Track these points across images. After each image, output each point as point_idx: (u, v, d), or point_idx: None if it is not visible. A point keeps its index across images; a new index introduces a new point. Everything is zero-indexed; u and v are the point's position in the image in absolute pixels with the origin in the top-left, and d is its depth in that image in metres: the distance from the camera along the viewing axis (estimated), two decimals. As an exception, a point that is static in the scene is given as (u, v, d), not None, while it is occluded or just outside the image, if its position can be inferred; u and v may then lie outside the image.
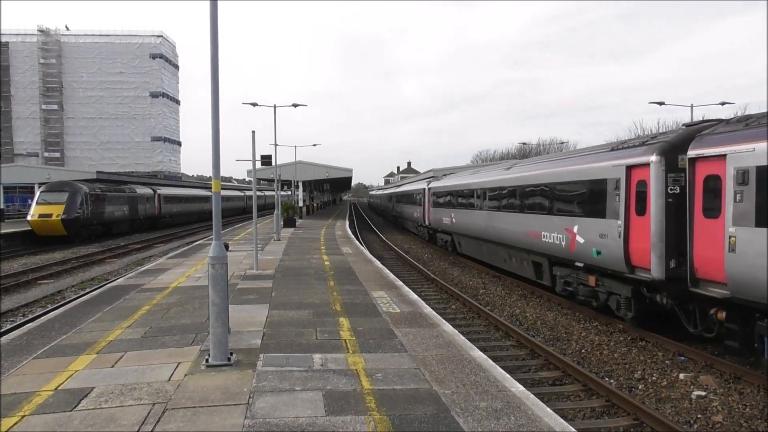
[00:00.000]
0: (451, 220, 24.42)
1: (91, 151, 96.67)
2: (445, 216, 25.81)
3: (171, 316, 9.91)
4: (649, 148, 10.52)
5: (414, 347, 7.95)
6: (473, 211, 21.04)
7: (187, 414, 5.48)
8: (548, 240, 14.23)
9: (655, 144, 10.48)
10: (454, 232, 24.66)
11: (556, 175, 14.18)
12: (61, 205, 31.76)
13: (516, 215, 16.68)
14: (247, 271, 15.67)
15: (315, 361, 7.24)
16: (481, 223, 19.84)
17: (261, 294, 12.19)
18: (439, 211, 27.36)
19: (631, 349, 10.51)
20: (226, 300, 7.17)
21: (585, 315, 13.11)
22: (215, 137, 7.29)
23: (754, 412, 7.51)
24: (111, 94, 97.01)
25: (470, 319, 13.26)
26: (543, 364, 9.73)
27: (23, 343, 8.21)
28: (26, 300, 15.69)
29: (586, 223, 12.44)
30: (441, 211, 26.75)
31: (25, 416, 5.45)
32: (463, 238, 23.30)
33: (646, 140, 11.25)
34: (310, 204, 60.85)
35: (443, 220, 26.15)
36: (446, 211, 25.53)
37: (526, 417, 5.47)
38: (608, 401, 7.94)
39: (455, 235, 24.63)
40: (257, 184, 24.91)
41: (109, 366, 7.04)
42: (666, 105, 35.63)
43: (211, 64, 7.24)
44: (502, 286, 17.53)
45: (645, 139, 11.72)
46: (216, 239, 7.22)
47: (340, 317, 9.88)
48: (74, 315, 10.13)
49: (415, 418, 5.42)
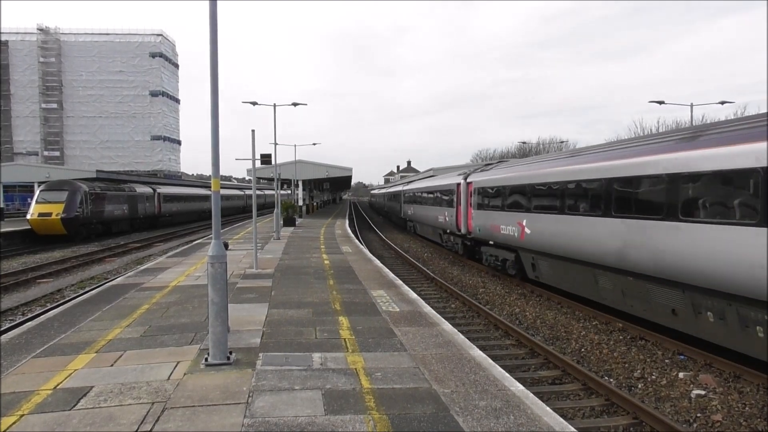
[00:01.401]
0: (521, 230, 15.94)
1: (90, 149, 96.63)
2: (505, 223, 17.22)
3: (170, 315, 9.90)
4: None
5: (413, 346, 7.94)
6: (588, 219, 12.44)
7: (186, 413, 5.47)
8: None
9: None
10: (524, 248, 16.14)
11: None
12: (60, 204, 31.74)
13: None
14: (246, 270, 15.66)
15: (314, 360, 7.23)
16: (613, 237, 11.40)
17: (260, 293, 12.18)
18: (490, 215, 18.87)
19: (630, 348, 10.50)
20: (226, 299, 7.16)
21: (585, 314, 13.11)
22: (215, 136, 7.28)
23: (754, 411, 7.51)
24: (111, 92, 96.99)
25: (470, 318, 13.26)
26: (542, 363, 9.73)
27: (22, 342, 8.20)
28: (25, 299, 15.69)
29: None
30: (495, 216, 18.22)
31: (24, 415, 5.44)
32: (547, 259, 14.79)
33: None
34: (310, 203, 60.83)
35: (501, 230, 17.59)
36: (508, 216, 17.00)
37: (525, 416, 5.47)
38: (608, 400, 7.94)
39: (527, 253, 16.16)
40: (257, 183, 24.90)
41: (108, 365, 7.03)
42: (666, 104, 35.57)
43: (211, 63, 7.22)
44: (501, 285, 17.52)
45: None
46: (215, 238, 7.21)
47: (340, 316, 9.88)
48: (73, 314, 10.12)
49: (414, 417, 5.42)
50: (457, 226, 23.29)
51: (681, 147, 9.83)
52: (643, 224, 10.48)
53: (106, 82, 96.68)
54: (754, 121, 8.71)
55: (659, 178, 10.09)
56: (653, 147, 10.74)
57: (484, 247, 20.04)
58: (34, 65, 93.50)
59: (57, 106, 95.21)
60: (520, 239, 15.96)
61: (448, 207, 24.81)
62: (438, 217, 27.05)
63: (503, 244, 17.67)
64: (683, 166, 9.52)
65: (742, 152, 8.34)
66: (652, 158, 10.43)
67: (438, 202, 27.18)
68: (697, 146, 9.40)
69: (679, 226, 9.51)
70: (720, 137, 9.00)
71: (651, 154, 10.58)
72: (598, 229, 11.99)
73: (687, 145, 9.71)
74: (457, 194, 23.35)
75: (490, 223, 18.72)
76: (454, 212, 23.57)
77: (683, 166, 9.52)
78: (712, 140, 9.12)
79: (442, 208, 26.05)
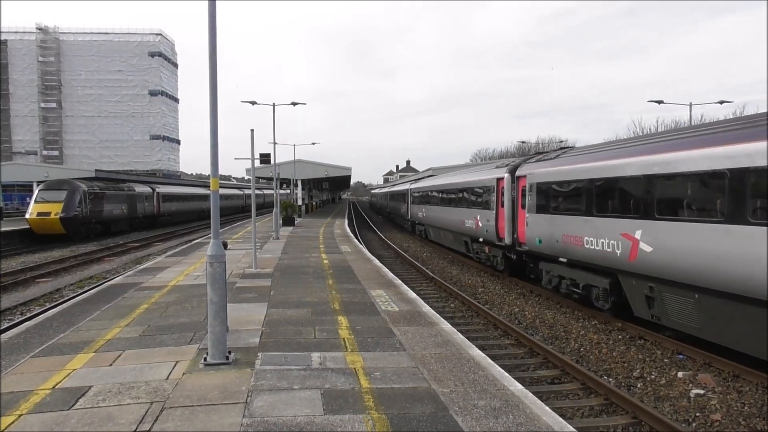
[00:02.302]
0: (630, 245, 10.87)
1: (89, 149, 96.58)
2: (595, 234, 12.10)
3: (169, 315, 9.89)
4: None
5: (412, 346, 7.94)
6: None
7: (185, 413, 5.46)
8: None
9: None
10: (633, 272, 10.91)
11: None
12: (59, 204, 31.72)
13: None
14: (245, 270, 15.65)
15: (313, 359, 7.22)
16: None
17: (259, 293, 12.17)
18: (561, 221, 13.69)
19: (629, 347, 10.51)
20: (225, 298, 7.15)
21: (584, 314, 13.11)
22: (214, 135, 7.27)
23: (753, 411, 7.51)
24: (110, 92, 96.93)
25: (469, 318, 13.26)
26: (542, 363, 9.73)
27: (21, 341, 8.19)
28: (24, 298, 15.67)
29: None
30: (573, 223, 13.12)
31: (23, 415, 5.43)
32: (686, 294, 9.63)
33: None
34: (309, 203, 60.82)
35: (585, 243, 12.44)
36: (602, 223, 11.89)
37: (524, 416, 5.46)
38: (607, 400, 7.93)
39: (639, 280, 10.89)
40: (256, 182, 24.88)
41: (107, 365, 7.02)
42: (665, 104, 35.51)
43: (210, 63, 7.21)
44: (500, 285, 17.52)
45: None
46: (214, 238, 7.19)
47: (339, 316, 9.87)
48: (72, 313, 10.11)
49: (413, 416, 5.41)
50: (497, 235, 17.97)
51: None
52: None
53: (105, 81, 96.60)
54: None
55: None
56: None
57: (549, 264, 14.77)
58: (33, 64, 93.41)
59: (56, 105, 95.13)
60: (628, 259, 10.89)
61: (481, 209, 19.68)
62: (465, 221, 21.69)
63: (589, 263, 12.49)
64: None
65: None
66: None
67: (465, 202, 22.21)
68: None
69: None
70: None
71: None
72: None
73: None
74: (497, 192, 18.03)
75: (562, 233, 13.50)
76: (493, 216, 18.24)
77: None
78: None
79: (472, 210, 20.86)
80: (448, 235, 25.97)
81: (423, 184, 33.83)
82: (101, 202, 35.90)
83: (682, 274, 9.43)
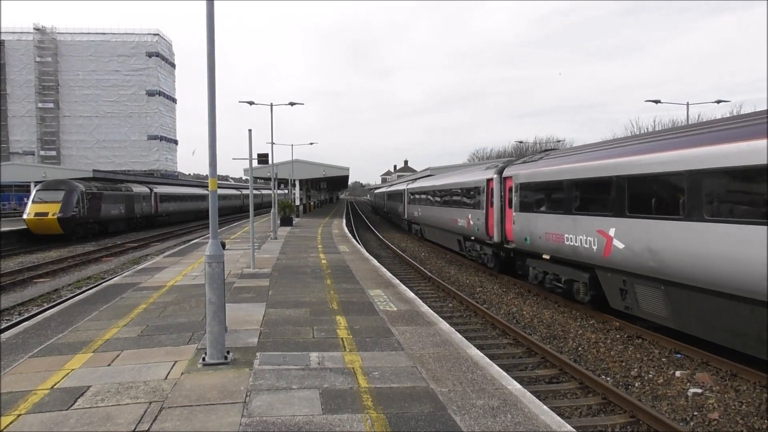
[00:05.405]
0: (604, 242, 11.57)
1: (87, 149, 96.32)
2: (574, 231, 12.82)
3: (167, 315, 9.89)
4: None
5: (411, 345, 7.95)
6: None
7: (183, 413, 5.47)
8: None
9: None
10: (609, 267, 11.68)
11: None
12: (57, 204, 31.66)
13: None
14: (243, 270, 15.65)
15: (312, 359, 7.23)
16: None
17: (258, 292, 12.17)
18: (543, 220, 14.44)
19: (627, 346, 10.53)
20: (223, 298, 7.16)
21: (582, 313, 13.14)
22: (212, 136, 7.27)
23: (751, 410, 7.53)
24: (107, 92, 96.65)
25: (467, 318, 13.27)
26: (540, 362, 9.75)
27: (19, 341, 8.18)
28: (22, 298, 15.65)
29: None
30: (553, 221, 13.81)
31: (21, 415, 5.43)
32: (658, 287, 10.27)
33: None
34: (307, 203, 60.78)
35: (566, 240, 13.12)
36: (579, 221, 12.61)
37: (522, 415, 5.48)
38: (605, 399, 7.95)
39: (614, 274, 11.61)
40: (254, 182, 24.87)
41: (106, 365, 7.02)
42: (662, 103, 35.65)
43: (208, 63, 7.21)
44: (498, 284, 17.54)
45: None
46: (213, 238, 7.20)
47: (337, 315, 9.88)
48: (70, 313, 10.10)
49: (411, 416, 5.42)
50: (487, 233, 18.76)
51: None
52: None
53: (103, 81, 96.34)
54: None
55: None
56: None
57: (534, 260, 15.36)
58: (30, 65, 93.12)
59: (53, 105, 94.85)
60: (603, 255, 11.53)
61: (472, 209, 20.45)
62: (458, 220, 22.55)
63: (569, 259, 13.16)
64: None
65: None
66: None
67: (457, 202, 22.95)
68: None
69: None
70: None
71: None
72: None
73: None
74: (487, 193, 18.75)
75: (545, 231, 14.14)
76: (483, 215, 19.05)
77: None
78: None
79: (464, 210, 21.66)
80: (442, 233, 26.85)
81: (419, 185, 34.55)
82: (99, 203, 35.84)
83: (650, 269, 10.16)
